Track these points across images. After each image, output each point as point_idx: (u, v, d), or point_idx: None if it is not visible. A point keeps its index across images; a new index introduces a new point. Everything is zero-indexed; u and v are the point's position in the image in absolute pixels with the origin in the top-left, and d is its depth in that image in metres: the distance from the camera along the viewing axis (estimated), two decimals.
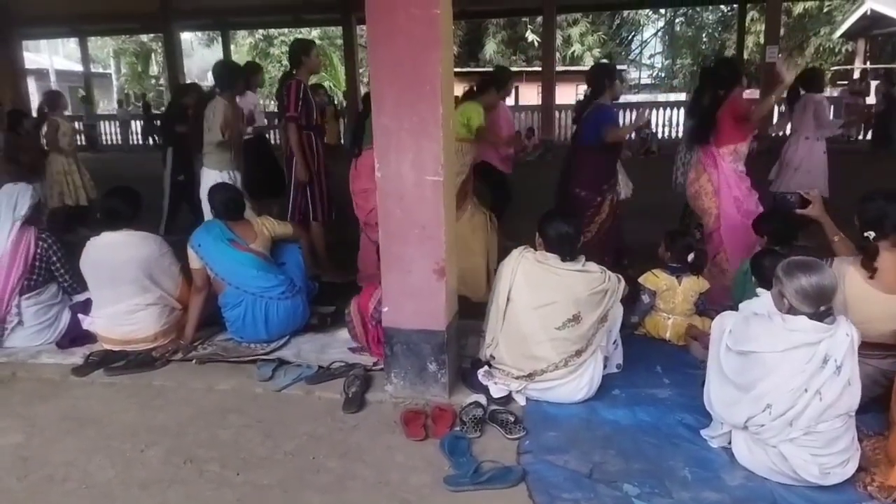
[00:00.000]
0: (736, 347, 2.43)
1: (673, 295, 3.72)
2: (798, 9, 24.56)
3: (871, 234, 2.75)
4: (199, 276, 3.62)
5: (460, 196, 4.44)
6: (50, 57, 26.54)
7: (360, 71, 18.10)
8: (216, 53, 22.97)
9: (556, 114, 15.70)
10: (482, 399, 2.92)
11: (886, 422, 2.58)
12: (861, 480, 2.33)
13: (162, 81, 27.26)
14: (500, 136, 5.37)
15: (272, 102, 17.67)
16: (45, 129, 6.67)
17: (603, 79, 4.52)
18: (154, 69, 29.68)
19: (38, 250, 3.66)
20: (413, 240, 2.90)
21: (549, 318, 2.92)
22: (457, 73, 3.33)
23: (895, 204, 2.79)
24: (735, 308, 2.82)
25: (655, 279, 3.77)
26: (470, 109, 4.71)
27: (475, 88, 5.13)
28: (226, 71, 5.04)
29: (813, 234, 3.60)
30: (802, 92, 5.51)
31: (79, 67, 22.70)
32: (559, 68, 19.53)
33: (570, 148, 4.75)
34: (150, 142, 18.27)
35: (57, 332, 3.77)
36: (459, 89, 4.96)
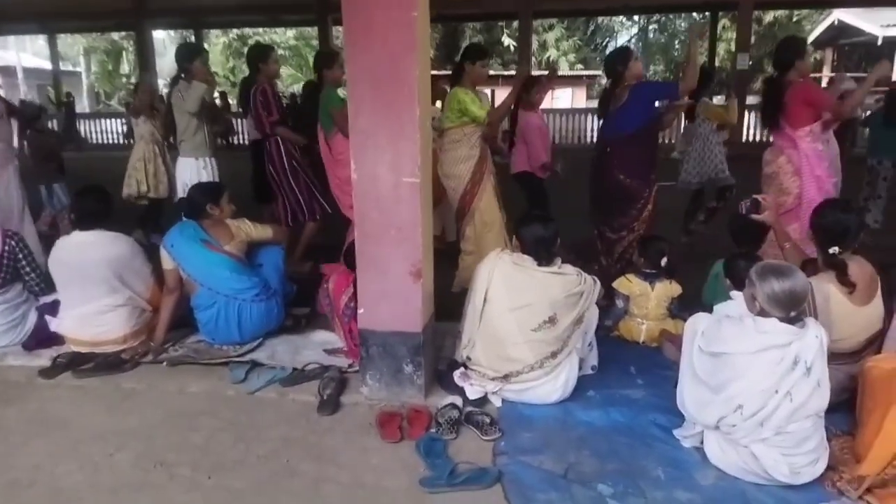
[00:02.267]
0: (708, 349, 2.46)
1: (646, 300, 3.74)
2: (769, 17, 25.09)
3: (836, 250, 2.74)
4: (171, 276, 3.57)
5: (476, 179, 4.41)
6: (17, 54, 25.96)
7: None
8: None
9: None
10: (458, 401, 2.92)
11: (854, 422, 2.63)
12: (830, 479, 2.37)
13: (133, 80, 26.87)
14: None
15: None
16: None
17: (616, 66, 4.19)
18: (125, 67, 29.27)
19: (6, 248, 3.57)
20: (389, 241, 2.89)
21: (525, 319, 2.93)
22: (433, 76, 3.33)
23: (850, 214, 2.83)
24: (706, 310, 2.86)
25: (629, 284, 3.79)
26: (459, 96, 4.36)
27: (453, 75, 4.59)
28: (187, 53, 5.07)
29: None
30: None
31: (48, 65, 22.23)
32: (535, 73, 19.64)
33: (599, 141, 4.43)
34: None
35: (23, 334, 3.68)
36: None
